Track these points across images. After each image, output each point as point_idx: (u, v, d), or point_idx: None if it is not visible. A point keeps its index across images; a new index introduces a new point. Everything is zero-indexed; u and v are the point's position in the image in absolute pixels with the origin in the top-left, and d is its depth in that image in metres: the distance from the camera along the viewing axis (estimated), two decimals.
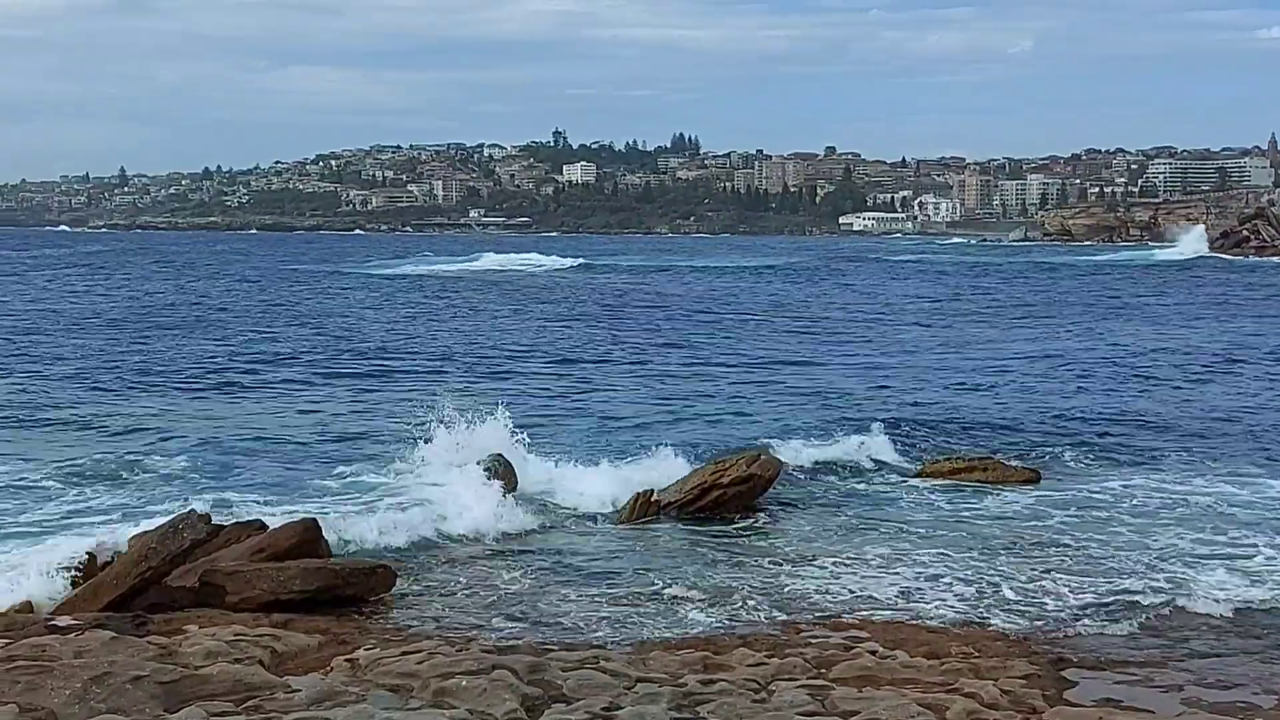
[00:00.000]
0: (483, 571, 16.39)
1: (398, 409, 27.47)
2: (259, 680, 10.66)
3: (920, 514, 19.88)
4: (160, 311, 57.71)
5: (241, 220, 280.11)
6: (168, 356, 39.11)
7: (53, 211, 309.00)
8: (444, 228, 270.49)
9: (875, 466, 23.46)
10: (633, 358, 40.54)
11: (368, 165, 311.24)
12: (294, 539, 15.56)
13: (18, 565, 15.88)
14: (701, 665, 11.65)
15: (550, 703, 10.28)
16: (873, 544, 17.85)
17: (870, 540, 18.10)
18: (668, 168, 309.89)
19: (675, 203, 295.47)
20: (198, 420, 27.22)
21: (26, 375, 33.93)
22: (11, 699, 9.71)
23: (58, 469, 21.80)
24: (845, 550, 17.53)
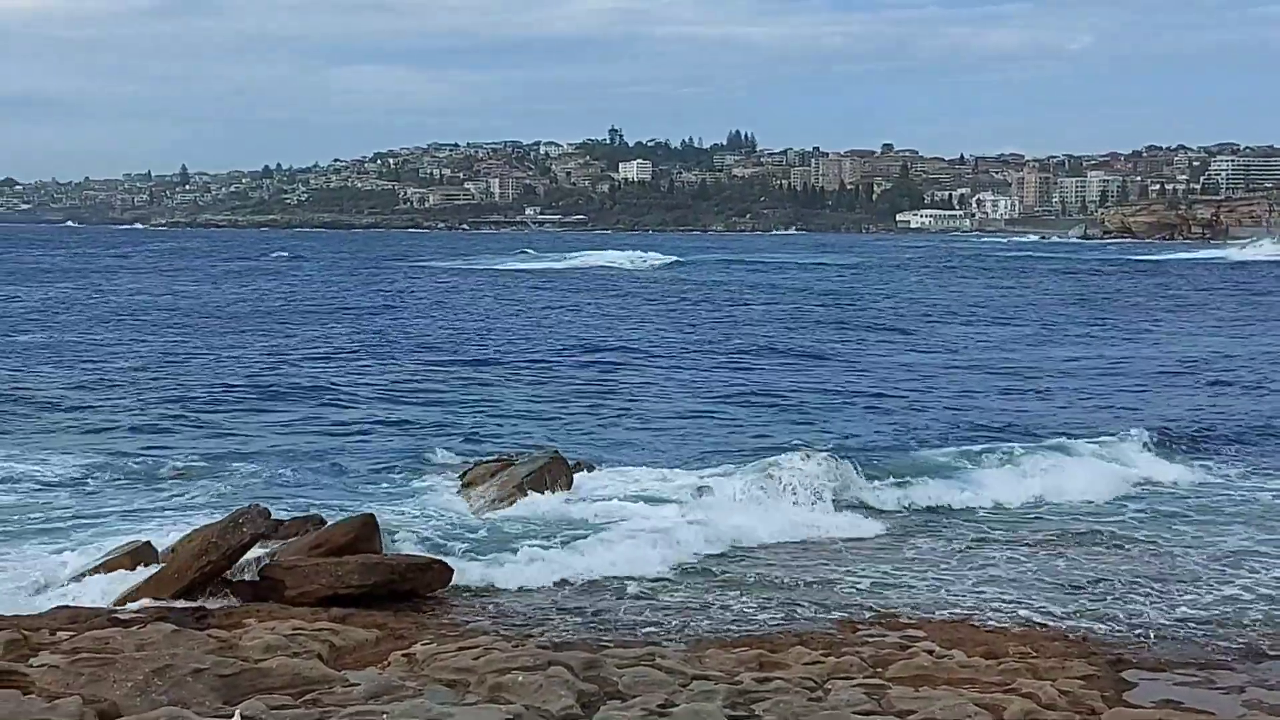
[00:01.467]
0: (538, 566, 16.42)
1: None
2: (317, 674, 10.74)
3: (985, 510, 19.78)
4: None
5: (300, 218, 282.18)
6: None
7: (115, 210, 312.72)
8: (500, 225, 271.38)
9: (955, 464, 23.36)
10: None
11: (425, 163, 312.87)
12: (351, 534, 15.68)
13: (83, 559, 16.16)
14: (757, 663, 11.63)
15: (606, 699, 10.29)
16: (931, 540, 17.76)
17: (929, 536, 18.00)
18: (724, 165, 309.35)
19: (731, 200, 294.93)
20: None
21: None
22: (76, 690, 9.84)
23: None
24: (901, 547, 17.46)
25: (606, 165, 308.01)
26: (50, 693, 9.78)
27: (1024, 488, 21.05)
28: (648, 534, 18.14)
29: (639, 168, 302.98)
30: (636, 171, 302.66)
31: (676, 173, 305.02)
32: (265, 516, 15.12)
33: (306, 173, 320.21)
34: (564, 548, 17.38)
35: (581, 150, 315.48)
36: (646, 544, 17.53)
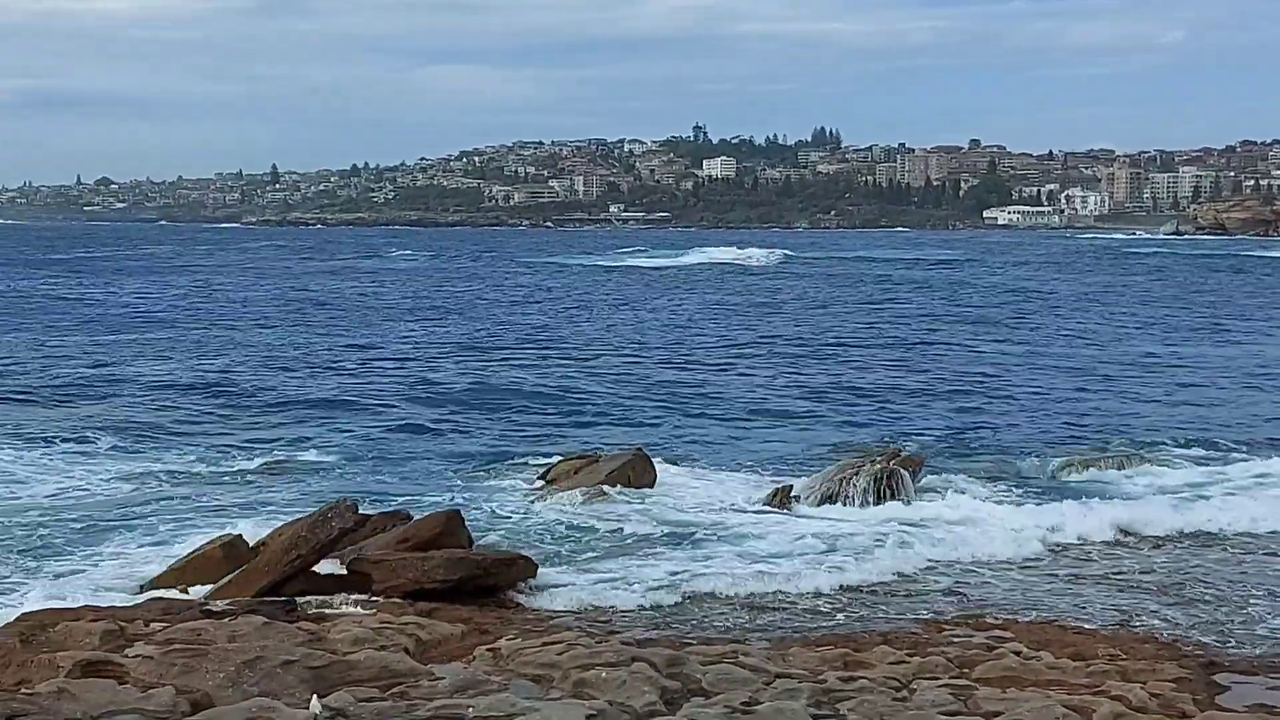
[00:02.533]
0: (622, 563, 16.47)
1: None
2: (404, 667, 10.85)
3: (1071, 509, 19.51)
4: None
5: (387, 216, 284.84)
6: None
7: (207, 208, 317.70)
8: (584, 223, 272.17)
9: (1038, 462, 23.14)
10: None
11: (510, 161, 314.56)
12: (437, 529, 15.82)
13: (177, 552, 16.47)
14: (841, 662, 11.58)
15: (689, 696, 10.29)
16: (1019, 540, 17.56)
17: (1017, 536, 17.80)
18: (808, 162, 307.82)
19: (815, 197, 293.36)
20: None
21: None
22: (169, 681, 10.02)
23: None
24: (988, 546, 17.28)
25: (690, 162, 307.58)
26: (144, 682, 9.97)
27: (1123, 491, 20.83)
28: (728, 532, 18.15)
29: (723, 165, 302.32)
30: (720, 168, 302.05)
31: (760, 170, 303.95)
32: (353, 511, 15.30)
33: (393, 171, 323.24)
34: (646, 545, 17.42)
35: (665, 147, 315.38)
36: (727, 542, 17.54)
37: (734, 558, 16.76)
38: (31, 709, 8.39)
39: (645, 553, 17.04)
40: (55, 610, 12.77)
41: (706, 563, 16.48)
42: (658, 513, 19.16)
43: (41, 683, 9.77)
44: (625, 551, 17.08)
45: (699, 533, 18.12)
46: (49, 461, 22.30)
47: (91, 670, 10.13)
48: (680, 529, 18.36)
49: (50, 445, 23.67)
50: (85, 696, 9.23)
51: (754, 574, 16.01)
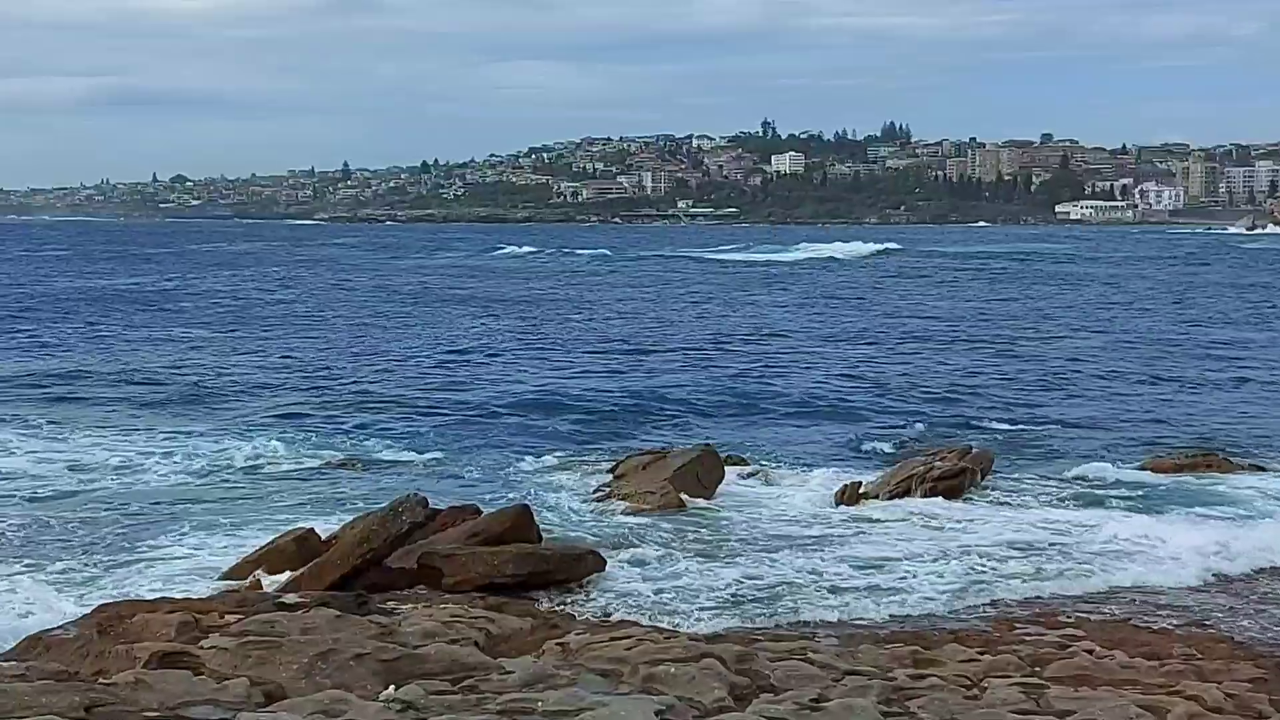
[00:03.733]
0: (691, 558, 16.47)
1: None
2: (474, 661, 10.91)
3: (1138, 511, 19.28)
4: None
5: (457, 213, 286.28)
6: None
7: (280, 205, 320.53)
8: (651, 219, 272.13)
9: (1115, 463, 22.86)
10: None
11: (578, 157, 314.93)
12: (507, 523, 15.92)
13: (251, 544, 16.67)
14: (911, 659, 11.51)
15: (758, 692, 10.27)
16: (1089, 541, 17.37)
17: (1087, 537, 17.61)
18: (877, 157, 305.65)
19: (885, 192, 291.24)
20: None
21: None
22: (244, 672, 10.14)
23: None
24: (1059, 547, 17.11)
25: (759, 158, 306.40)
26: (219, 674, 10.09)
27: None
28: (796, 530, 18.11)
29: (791, 160, 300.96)
30: (789, 164, 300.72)
31: (829, 165, 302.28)
32: (424, 505, 15.44)
33: (463, 168, 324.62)
34: (714, 542, 17.41)
35: (734, 143, 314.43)
36: (795, 539, 17.49)
37: (802, 555, 16.72)
38: (109, 699, 8.52)
39: (713, 549, 17.03)
40: (132, 602, 12.98)
41: (774, 560, 16.44)
42: (725, 510, 19.15)
43: (119, 673, 9.92)
44: (693, 547, 17.08)
45: (767, 530, 18.09)
46: (131, 452, 22.66)
47: (168, 661, 10.27)
48: (748, 526, 18.33)
49: (133, 436, 24.09)
50: (161, 687, 9.36)
51: (823, 567, 15.97)
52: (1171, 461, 22.30)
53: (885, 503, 19.48)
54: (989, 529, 18.03)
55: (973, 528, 18.12)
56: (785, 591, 15.00)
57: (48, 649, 11.56)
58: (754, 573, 15.81)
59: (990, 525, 18.26)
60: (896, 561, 16.27)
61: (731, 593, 14.99)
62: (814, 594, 14.89)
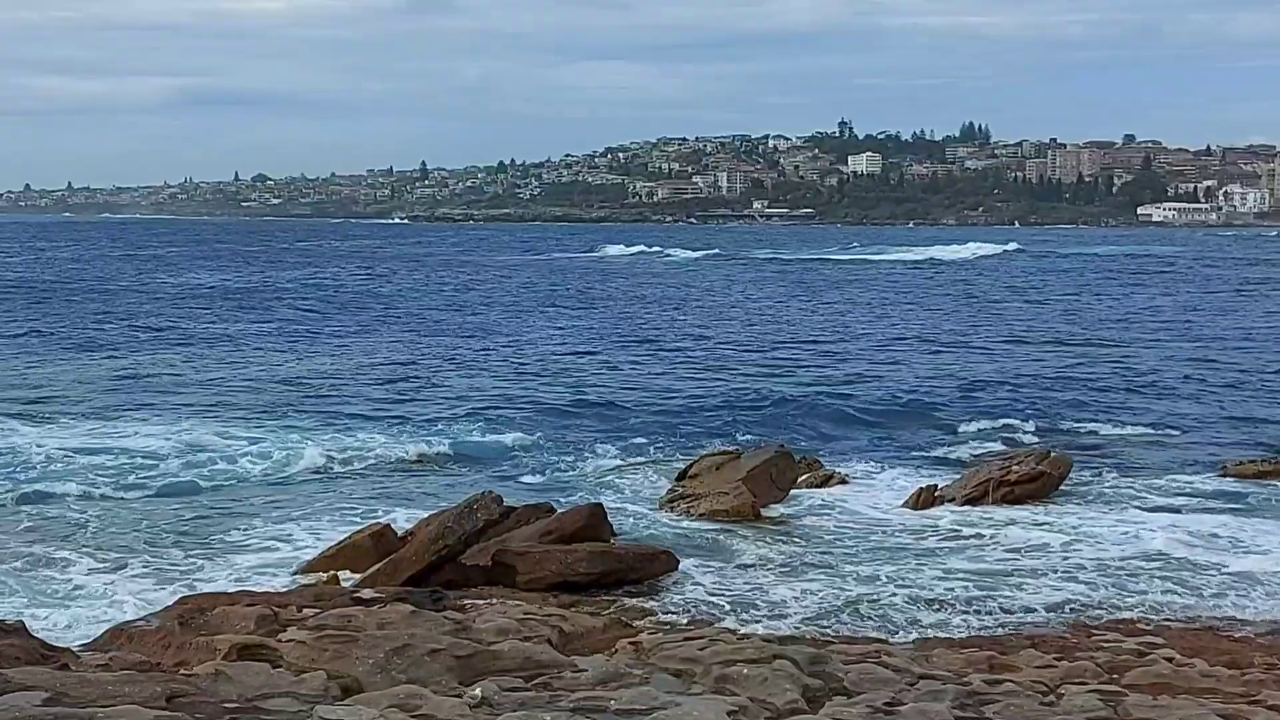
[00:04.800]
0: (764, 560, 16.45)
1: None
2: (547, 658, 10.96)
3: (1216, 516, 18.99)
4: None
5: (533, 212, 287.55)
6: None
7: (359, 204, 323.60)
8: (727, 219, 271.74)
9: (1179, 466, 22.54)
10: None
11: (654, 157, 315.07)
12: (580, 522, 15.99)
13: (328, 539, 16.86)
14: (987, 665, 11.42)
15: (831, 695, 10.22)
16: (1168, 545, 17.12)
17: (1165, 541, 17.37)
18: (956, 157, 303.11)
19: (963, 193, 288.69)
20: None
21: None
22: (321, 665, 10.25)
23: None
24: (1136, 552, 16.89)
25: (835, 158, 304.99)
26: (297, 667, 10.21)
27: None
28: (872, 532, 18.01)
29: (868, 160, 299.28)
30: (866, 164, 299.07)
31: (907, 165, 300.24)
32: (498, 503, 15.53)
33: (539, 167, 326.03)
34: (786, 543, 17.37)
35: (810, 143, 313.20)
36: (869, 541, 17.40)
37: (875, 559, 16.64)
38: (190, 690, 8.64)
39: (785, 552, 16.99)
40: (213, 595, 13.20)
41: (847, 564, 16.38)
42: (798, 512, 19.09)
43: (199, 664, 10.06)
44: (765, 550, 17.05)
45: (840, 534, 18.02)
46: (220, 446, 22.94)
47: (247, 653, 10.40)
48: (821, 529, 18.28)
49: (223, 429, 24.42)
50: (241, 679, 9.48)
51: (899, 569, 15.88)
52: (1254, 467, 21.94)
53: (960, 507, 19.32)
54: (1066, 534, 17.83)
55: (1049, 532, 17.92)
56: (858, 595, 14.93)
57: (130, 640, 11.76)
58: (826, 576, 15.75)
59: (1067, 530, 18.06)
60: (971, 566, 16.13)
61: (803, 596, 14.94)
62: (887, 598, 14.81)
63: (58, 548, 16.86)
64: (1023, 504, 19.34)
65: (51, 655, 10.32)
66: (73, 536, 17.46)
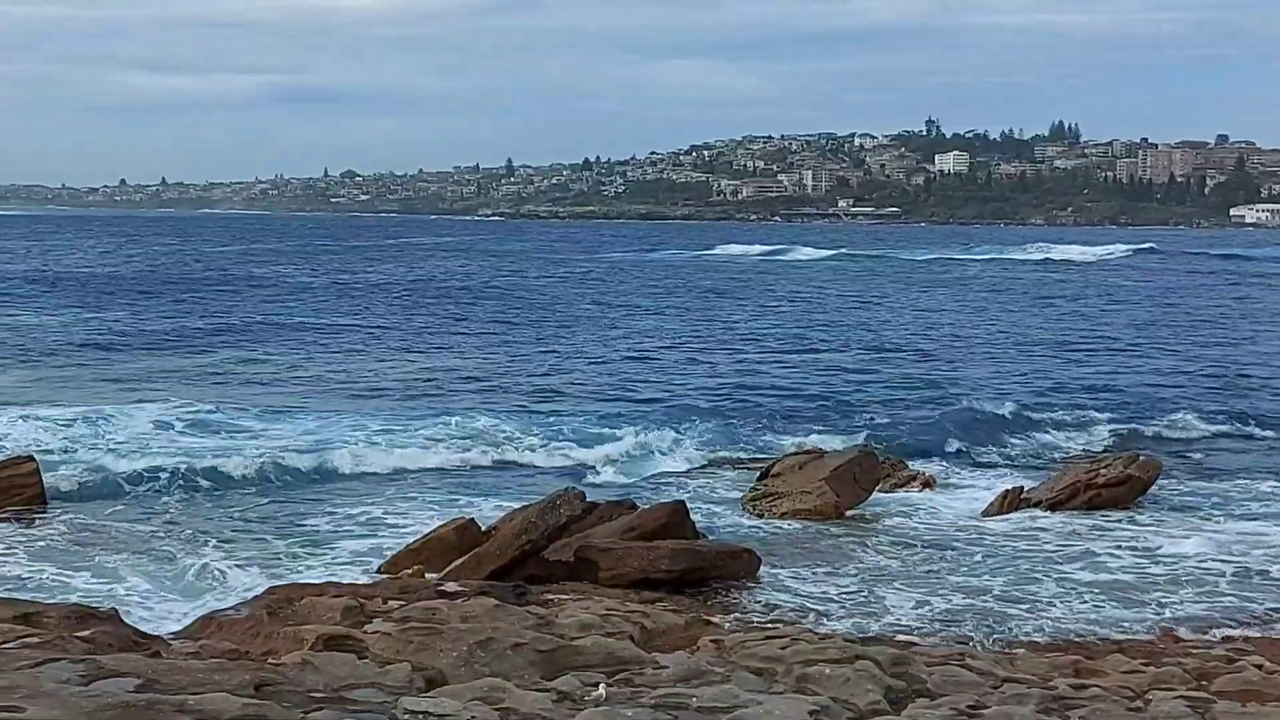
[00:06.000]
0: (847, 559, 16.38)
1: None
2: (629, 654, 10.98)
3: None
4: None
5: (617, 210, 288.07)
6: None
7: (445, 201, 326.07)
8: (812, 218, 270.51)
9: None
10: None
11: (739, 155, 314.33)
12: (663, 519, 16.00)
13: (413, 533, 17.01)
14: (1072, 669, 11.29)
15: (913, 697, 10.16)
16: (1255, 552, 16.81)
17: (1253, 548, 17.04)
18: (1045, 157, 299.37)
19: (1052, 193, 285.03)
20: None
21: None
22: (405, 657, 10.36)
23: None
24: (1228, 558, 16.59)
25: (922, 157, 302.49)
26: (382, 658, 10.32)
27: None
28: (955, 533, 17.86)
29: (955, 159, 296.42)
30: (953, 163, 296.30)
31: (994, 164, 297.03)
32: (581, 499, 15.59)
33: (624, 165, 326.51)
34: (870, 544, 17.28)
35: (896, 142, 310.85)
36: (955, 543, 17.25)
37: (958, 561, 16.50)
38: (277, 679, 8.76)
39: (868, 553, 16.90)
40: (300, 585, 13.38)
41: (929, 566, 16.27)
42: (881, 513, 18.98)
43: (287, 654, 10.21)
44: (847, 551, 16.97)
45: (923, 535, 17.89)
46: (313, 438, 23.19)
47: (333, 644, 10.53)
48: (904, 530, 18.16)
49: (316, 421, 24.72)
50: (327, 669, 9.60)
51: (982, 572, 15.74)
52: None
53: (1047, 511, 19.10)
54: (1153, 539, 17.57)
55: (1136, 538, 17.68)
56: (942, 598, 14.82)
57: (220, 628, 11.96)
58: (908, 578, 15.65)
59: (1154, 535, 17.80)
60: (1055, 570, 15.94)
61: (885, 597, 14.86)
62: (970, 601, 14.68)
63: (151, 535, 17.23)
64: (1109, 508, 19.08)
65: (143, 643, 10.53)
66: (166, 523, 17.82)
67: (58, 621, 10.52)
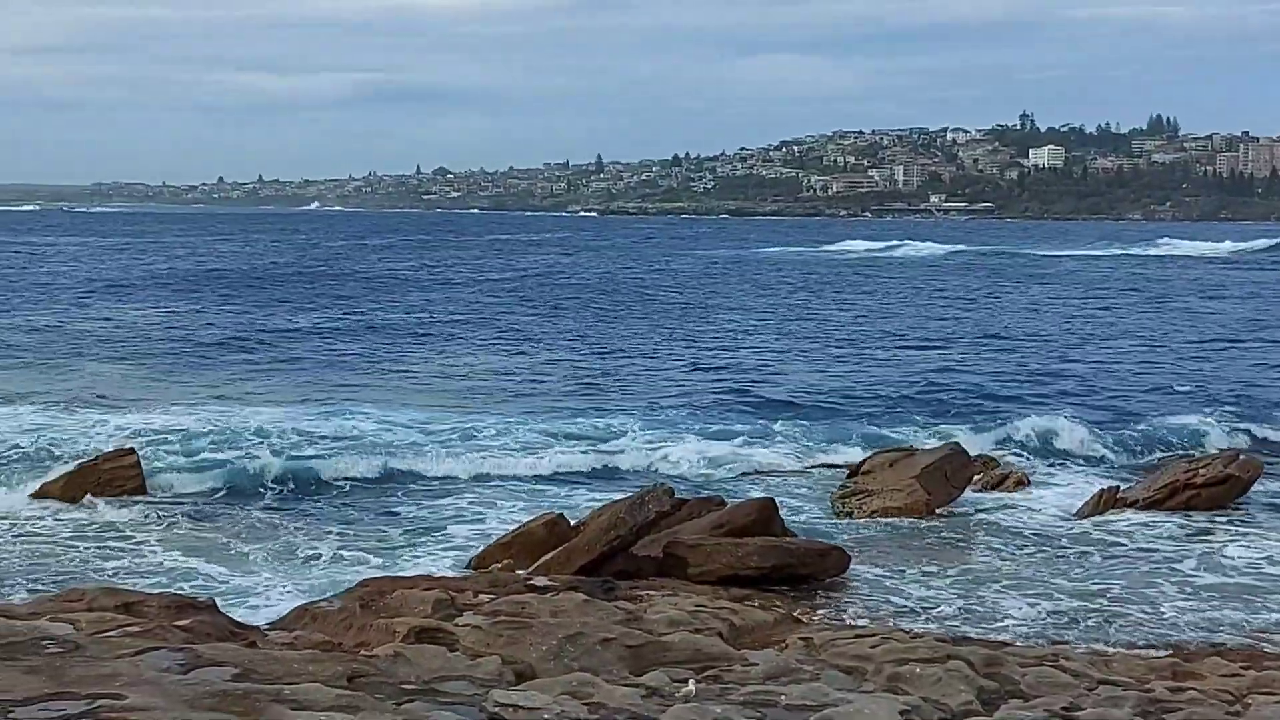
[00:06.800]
0: (937, 558, 16.23)
1: None
2: (718, 651, 10.98)
3: None
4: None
5: (706, 206, 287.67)
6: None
7: (535, 197, 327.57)
8: (903, 213, 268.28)
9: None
10: None
11: (829, 151, 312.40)
12: (752, 516, 15.95)
13: (502, 529, 17.13)
14: (1170, 672, 11.10)
15: (1006, 697, 10.05)
16: None
17: None
18: (1142, 151, 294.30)
19: (1150, 187, 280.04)
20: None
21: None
22: (495, 650, 10.43)
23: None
24: None
25: (1016, 152, 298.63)
26: (473, 651, 10.41)
27: None
28: (1050, 535, 17.63)
29: (1050, 154, 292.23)
30: (1048, 158, 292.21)
31: (1090, 159, 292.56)
32: (670, 495, 15.59)
33: (713, 161, 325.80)
34: (960, 544, 17.11)
35: (990, 136, 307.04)
36: (1047, 543, 17.03)
37: (1051, 562, 16.29)
38: (370, 670, 8.86)
39: (959, 553, 16.75)
40: (393, 578, 13.52)
41: (1020, 566, 16.08)
42: (972, 512, 18.79)
43: (379, 646, 10.33)
44: (937, 550, 16.82)
45: (1015, 535, 17.68)
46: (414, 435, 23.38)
47: (425, 636, 10.64)
48: (996, 530, 17.96)
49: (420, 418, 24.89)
50: (418, 661, 9.70)
51: (1077, 573, 15.52)
52: None
53: (1143, 511, 18.79)
54: (1253, 542, 17.23)
55: (1235, 540, 17.34)
56: (1035, 598, 14.64)
57: (314, 620, 12.12)
58: (1001, 578, 15.48)
59: (1254, 538, 17.45)
60: (1152, 571, 15.68)
61: (977, 597, 14.70)
62: (1063, 602, 14.49)
63: (250, 526, 17.52)
64: (1209, 509, 18.72)
65: (240, 633, 10.71)
66: (266, 515, 18.11)
67: (158, 611, 10.73)
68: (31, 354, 33.79)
